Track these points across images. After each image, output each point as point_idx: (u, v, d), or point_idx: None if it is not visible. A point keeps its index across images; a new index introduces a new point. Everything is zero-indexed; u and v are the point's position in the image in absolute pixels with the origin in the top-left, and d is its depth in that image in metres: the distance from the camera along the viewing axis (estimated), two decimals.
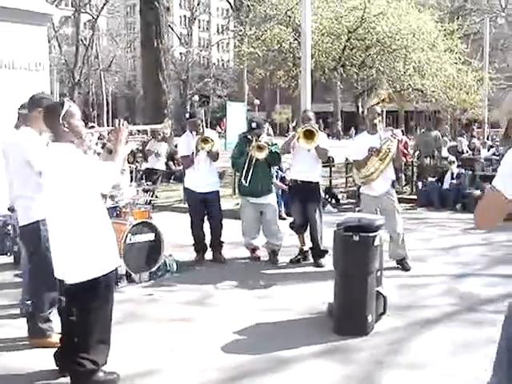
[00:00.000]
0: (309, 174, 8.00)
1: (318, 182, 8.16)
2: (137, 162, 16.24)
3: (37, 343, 5.08)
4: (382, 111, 7.89)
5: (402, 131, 17.22)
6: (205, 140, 7.97)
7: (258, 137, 8.02)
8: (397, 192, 13.87)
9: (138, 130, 6.04)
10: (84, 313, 4.28)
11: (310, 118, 8.01)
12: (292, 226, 8.37)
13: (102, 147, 6.01)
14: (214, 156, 8.15)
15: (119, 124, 4.58)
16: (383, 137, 7.51)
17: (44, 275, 5.02)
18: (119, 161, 4.43)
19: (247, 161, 7.93)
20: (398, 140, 7.55)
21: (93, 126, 7.19)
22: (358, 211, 8.29)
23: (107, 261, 4.35)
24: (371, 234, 5.44)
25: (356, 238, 5.40)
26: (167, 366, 4.78)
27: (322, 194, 9.53)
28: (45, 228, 4.89)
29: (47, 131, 4.66)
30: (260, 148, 7.87)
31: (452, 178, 13.53)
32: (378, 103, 7.82)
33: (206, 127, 9.02)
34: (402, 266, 7.74)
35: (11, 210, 5.89)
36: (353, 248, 5.43)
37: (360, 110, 24.30)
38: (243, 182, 8.00)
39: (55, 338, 4.89)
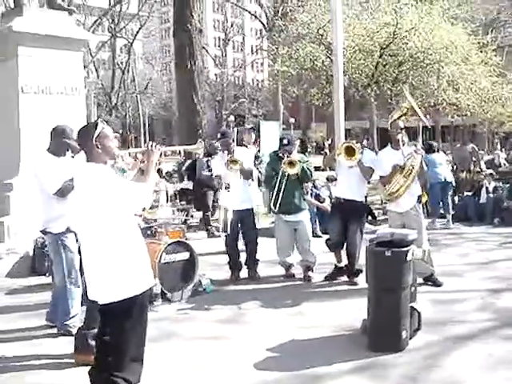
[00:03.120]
0: (352, 192, 7.95)
1: (361, 201, 8.13)
2: (173, 182, 16.41)
3: (83, 360, 5.06)
4: (404, 126, 7.77)
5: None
6: (233, 161, 8.04)
7: (290, 153, 8.04)
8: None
9: (172, 152, 6.08)
10: (118, 333, 4.24)
11: (358, 134, 7.99)
12: (328, 243, 8.34)
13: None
14: (246, 174, 8.21)
15: (151, 146, 4.64)
16: (406, 153, 7.44)
17: None
18: (151, 182, 4.48)
19: (279, 178, 7.96)
20: (422, 155, 7.49)
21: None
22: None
23: (140, 281, 4.31)
24: (403, 249, 5.41)
25: (388, 254, 5.37)
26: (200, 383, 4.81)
27: None
28: None
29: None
30: (291, 164, 7.89)
31: (488, 192, 13.34)
32: (401, 117, 7.75)
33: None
34: (433, 282, 7.62)
35: (44, 232, 6.02)
36: (385, 263, 5.41)
37: None
38: (275, 199, 8.02)
39: None
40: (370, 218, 13.48)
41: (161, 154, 4.84)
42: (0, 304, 7.23)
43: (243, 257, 8.48)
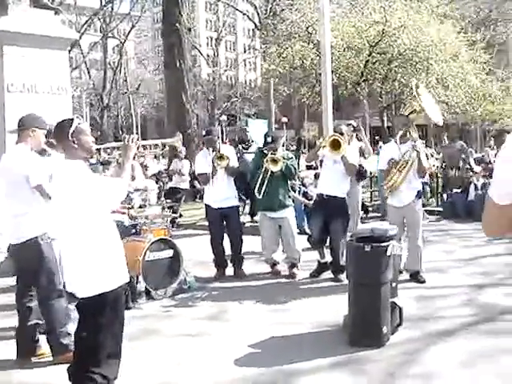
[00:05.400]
0: (335, 188, 7.93)
1: (343, 198, 8.04)
2: (161, 181, 16.40)
3: (62, 359, 5.00)
4: (412, 121, 7.77)
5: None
6: (220, 157, 8.05)
7: (274, 151, 8.04)
8: (423, 205, 14.00)
9: (154, 145, 6.07)
10: (94, 327, 4.28)
11: (343, 132, 7.90)
12: (310, 239, 8.35)
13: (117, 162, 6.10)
14: (231, 172, 8.22)
15: (128, 140, 4.63)
16: (403, 149, 7.52)
17: (52, 291, 5.12)
18: (127, 176, 4.49)
19: (262, 174, 7.95)
20: (417, 151, 7.50)
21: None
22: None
23: (116, 276, 4.35)
24: (383, 244, 5.41)
25: (367, 248, 5.38)
26: (178, 379, 4.82)
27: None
28: (44, 243, 5.02)
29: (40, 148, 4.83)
30: (274, 161, 7.89)
31: (476, 189, 13.37)
32: (411, 113, 7.77)
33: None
34: (416, 279, 7.64)
35: None
36: (365, 258, 5.41)
37: (385, 124, 24.17)
38: (257, 195, 8.02)
39: None
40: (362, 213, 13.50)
41: (138, 147, 4.84)
42: None
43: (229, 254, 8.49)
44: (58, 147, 5.03)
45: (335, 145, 7.64)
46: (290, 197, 8.33)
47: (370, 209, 14.46)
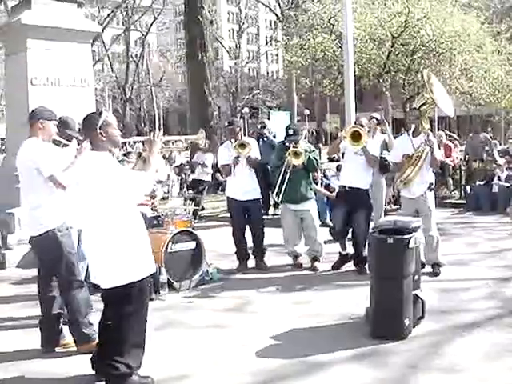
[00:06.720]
0: (357, 180, 7.91)
1: (366, 190, 8.04)
2: (184, 173, 16.47)
3: (85, 349, 5.08)
4: (425, 113, 7.74)
5: (446, 135, 16.93)
6: (242, 145, 8.03)
7: (296, 143, 8.02)
8: (446, 197, 13.92)
9: (175, 141, 6.12)
10: (119, 317, 4.36)
11: (363, 124, 7.93)
12: (332, 231, 8.33)
13: (139, 156, 6.13)
14: (253, 162, 8.19)
15: (153, 135, 4.69)
16: (418, 142, 7.49)
17: (71, 282, 5.17)
18: (152, 171, 4.53)
19: (284, 167, 7.94)
20: (430, 146, 7.44)
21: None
22: None
23: (141, 267, 4.43)
24: (405, 237, 5.38)
25: (390, 241, 5.35)
26: (200, 371, 4.83)
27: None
28: (62, 234, 5.08)
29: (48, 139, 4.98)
30: (296, 154, 7.87)
31: (500, 181, 13.22)
32: (422, 106, 7.75)
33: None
34: (432, 271, 7.59)
35: None
36: (387, 251, 5.38)
37: None
38: (280, 188, 8.00)
39: None
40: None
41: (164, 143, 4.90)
42: (7, 294, 7.34)
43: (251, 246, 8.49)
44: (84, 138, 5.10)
45: (356, 136, 7.63)
46: (311, 189, 8.33)
47: (388, 201, 14.37)
